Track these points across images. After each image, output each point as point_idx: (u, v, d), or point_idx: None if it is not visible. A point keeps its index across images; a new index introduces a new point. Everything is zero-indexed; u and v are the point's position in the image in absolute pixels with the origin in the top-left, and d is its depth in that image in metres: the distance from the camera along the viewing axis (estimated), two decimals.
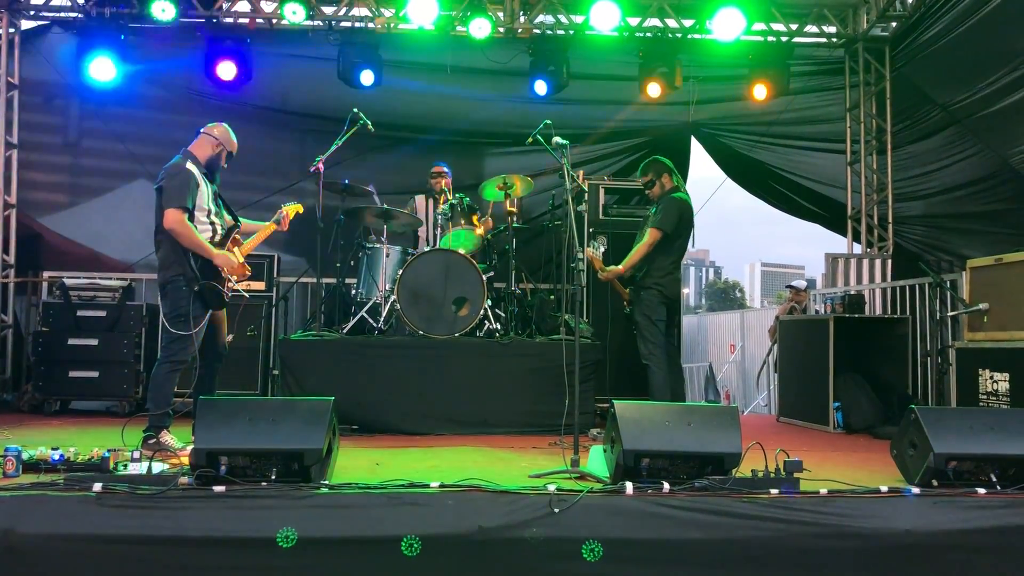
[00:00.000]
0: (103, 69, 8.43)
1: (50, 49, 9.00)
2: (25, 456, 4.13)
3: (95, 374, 7.56)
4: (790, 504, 3.86)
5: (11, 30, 8.68)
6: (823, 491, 4.01)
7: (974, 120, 8.39)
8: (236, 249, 5.48)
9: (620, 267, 6.48)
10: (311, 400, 4.28)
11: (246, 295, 5.62)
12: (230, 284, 5.41)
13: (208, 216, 5.31)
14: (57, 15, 8.91)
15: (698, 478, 4.00)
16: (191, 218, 5.16)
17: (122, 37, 8.54)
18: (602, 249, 6.38)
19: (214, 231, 5.36)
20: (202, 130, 5.49)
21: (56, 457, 4.12)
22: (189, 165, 5.24)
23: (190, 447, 4.15)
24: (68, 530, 3.51)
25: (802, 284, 11.37)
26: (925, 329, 7.61)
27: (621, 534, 3.73)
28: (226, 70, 8.56)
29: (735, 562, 3.76)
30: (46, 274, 8.40)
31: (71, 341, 7.54)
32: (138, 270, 8.65)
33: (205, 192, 5.28)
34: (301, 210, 6.02)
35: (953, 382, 6.54)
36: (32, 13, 8.88)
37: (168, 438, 5.09)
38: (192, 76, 9.06)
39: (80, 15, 8.67)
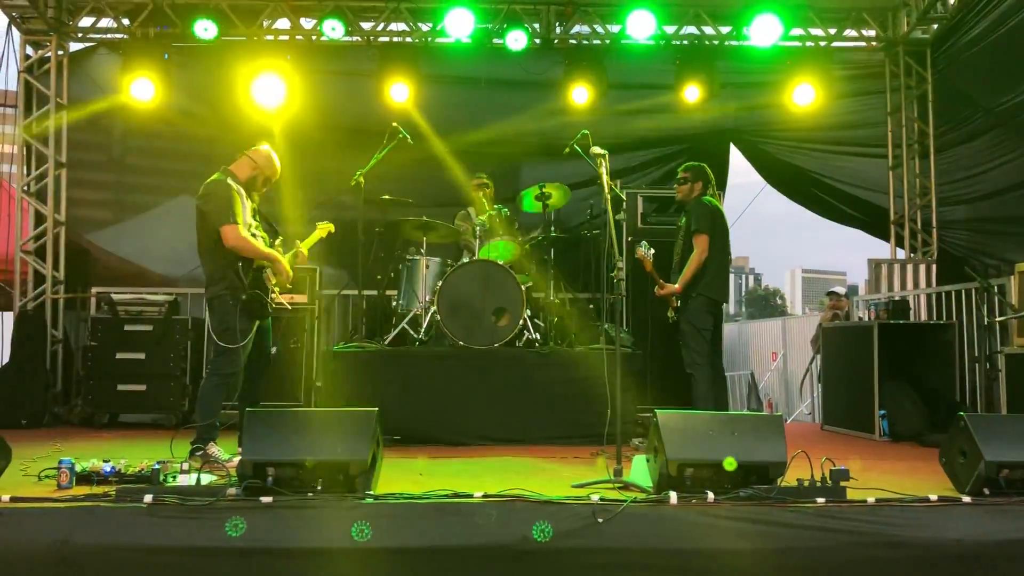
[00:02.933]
0: (147, 88, 8.59)
1: (96, 69, 9.19)
2: (78, 468, 4.23)
3: (143, 387, 7.71)
4: (837, 513, 3.82)
5: (59, 52, 8.89)
6: (871, 500, 3.96)
7: (1019, 122, 8.24)
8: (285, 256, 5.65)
9: (676, 287, 6.43)
10: (356, 411, 4.32)
11: (288, 306, 5.75)
12: (274, 295, 5.52)
13: (249, 231, 5.41)
14: (103, 36, 9.12)
15: (743, 487, 3.97)
16: None
17: (165, 56, 8.71)
18: (652, 251, 6.35)
19: None
20: (248, 152, 5.58)
21: (107, 469, 4.21)
22: (229, 181, 5.37)
23: (237, 458, 4.20)
24: (120, 541, 3.58)
25: (841, 290, 11.24)
26: (972, 335, 7.48)
27: (665, 544, 3.71)
28: (267, 87, 8.68)
29: (781, 572, 3.72)
30: (94, 289, 8.57)
31: (119, 355, 7.69)
32: (183, 284, 8.78)
33: (247, 209, 5.42)
34: (331, 229, 6.21)
35: (1003, 389, 6.43)
36: (79, 35, 9.10)
37: (215, 450, 5.18)
38: (233, 93, 9.20)
39: (125, 36, 8.86)
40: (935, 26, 9.21)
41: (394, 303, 7.38)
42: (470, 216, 7.98)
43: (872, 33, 9.39)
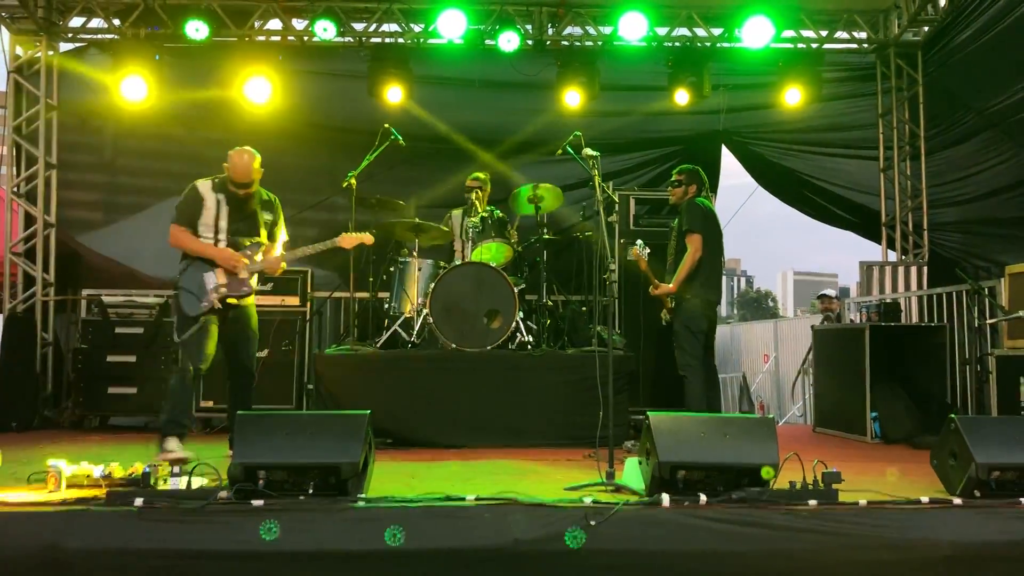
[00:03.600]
0: (138, 88, 8.55)
1: (86, 70, 9.12)
2: (68, 472, 4.20)
3: (133, 390, 7.68)
4: (829, 516, 3.82)
5: (50, 52, 8.85)
6: (863, 502, 3.97)
7: (1010, 124, 8.27)
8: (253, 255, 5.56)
9: (671, 286, 6.45)
10: (347, 414, 4.30)
11: (240, 303, 5.55)
12: (214, 296, 5.42)
13: (214, 234, 5.49)
14: (94, 37, 9.07)
15: (735, 490, 3.97)
16: (196, 233, 5.49)
17: (156, 57, 8.68)
18: (647, 251, 6.35)
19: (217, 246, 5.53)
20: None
21: (98, 472, 4.19)
22: (200, 182, 5.54)
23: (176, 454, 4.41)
24: (111, 544, 3.57)
25: (832, 292, 11.26)
26: (963, 337, 7.50)
27: (658, 547, 3.71)
28: (258, 88, 8.66)
29: (773, 574, 3.72)
30: (85, 292, 8.53)
31: (110, 358, 7.66)
32: (173, 287, 8.74)
33: (214, 211, 5.50)
34: (369, 241, 5.95)
35: (993, 391, 6.44)
36: (70, 36, 9.05)
37: (172, 444, 5.20)
38: (225, 94, 9.18)
39: (116, 36, 8.82)
40: (926, 28, 9.25)
41: (386, 305, 7.37)
42: (451, 219, 7.97)
43: (863, 35, 9.42)
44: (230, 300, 5.48)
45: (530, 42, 9.00)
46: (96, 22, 8.93)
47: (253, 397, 5.76)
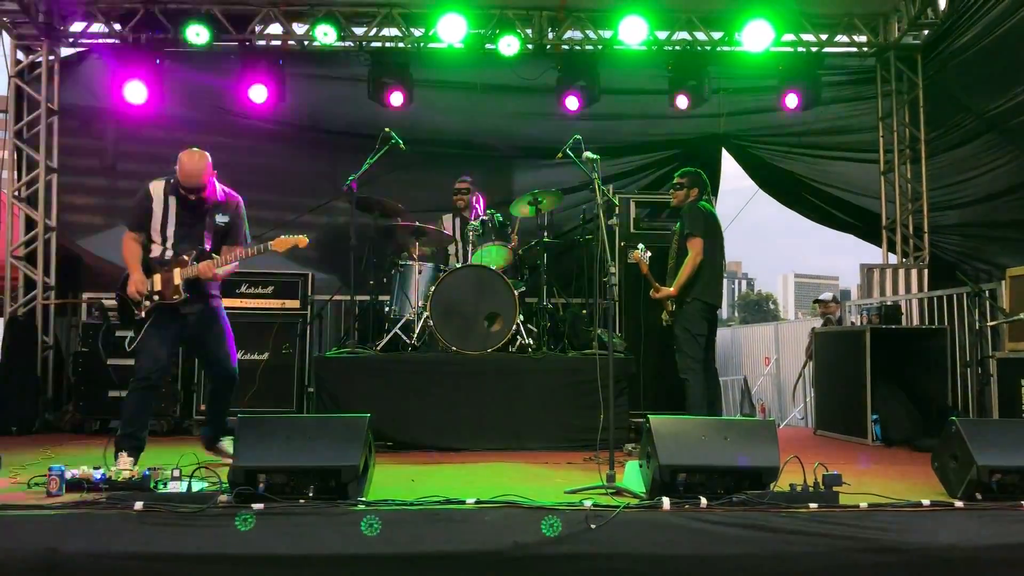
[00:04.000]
0: (139, 93, 8.57)
1: (88, 75, 9.18)
2: (68, 475, 4.19)
3: None
4: (830, 518, 3.82)
5: (51, 57, 8.86)
6: (863, 505, 3.96)
7: (1010, 126, 8.27)
8: (177, 271, 5.24)
9: (672, 290, 6.47)
10: (347, 417, 4.31)
11: (140, 315, 5.25)
12: (147, 303, 5.21)
13: (162, 240, 5.30)
14: (95, 41, 9.09)
15: (736, 493, 3.97)
16: (149, 238, 5.31)
17: (157, 61, 8.69)
18: (648, 254, 6.36)
19: (163, 254, 5.30)
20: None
21: (98, 476, 4.17)
22: (152, 183, 5.35)
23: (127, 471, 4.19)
24: (111, 548, 3.56)
25: (828, 296, 11.24)
26: (964, 339, 7.50)
27: (659, 550, 3.71)
28: (259, 92, 8.67)
29: None
30: (85, 295, 8.55)
31: (110, 362, 7.65)
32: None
33: (161, 215, 5.28)
34: (303, 244, 5.55)
35: (994, 393, 6.44)
36: (71, 40, 9.06)
37: (123, 461, 4.74)
38: (225, 98, 9.20)
39: (117, 41, 8.84)
40: (926, 32, 9.25)
41: (387, 308, 7.37)
42: (441, 223, 7.98)
43: (863, 39, 9.43)
44: (176, 306, 5.23)
45: (530, 46, 9.02)
46: (97, 27, 8.94)
47: (232, 400, 5.65)
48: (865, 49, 9.51)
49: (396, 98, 8.78)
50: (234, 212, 5.47)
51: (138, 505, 3.71)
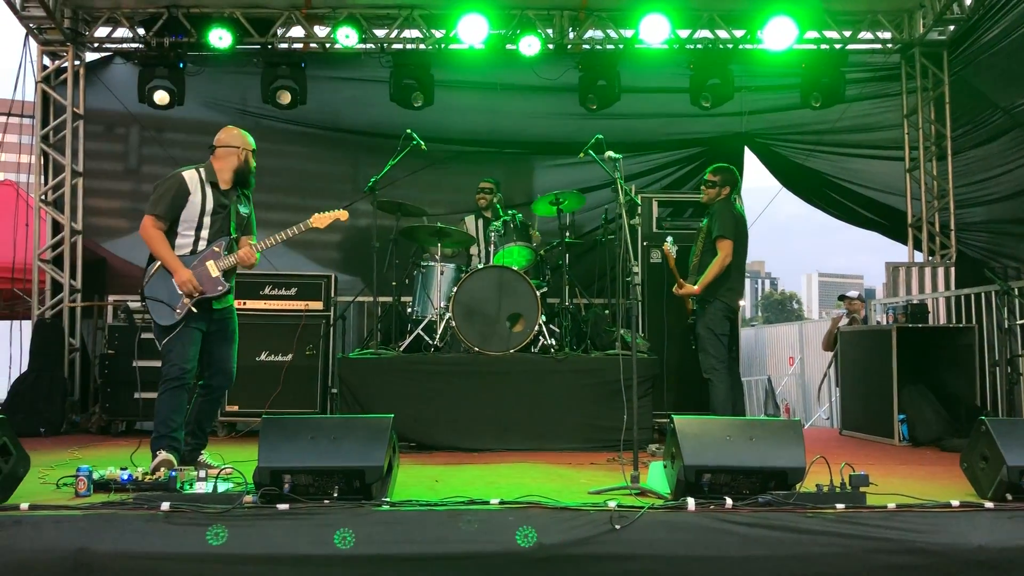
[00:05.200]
0: (162, 96, 8.65)
1: (112, 79, 9.27)
2: (95, 476, 4.23)
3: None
4: (857, 519, 3.78)
5: (76, 63, 8.95)
6: (891, 505, 3.92)
7: None
8: (212, 263, 5.10)
9: (696, 288, 6.43)
10: (371, 418, 4.31)
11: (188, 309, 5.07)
12: (187, 300, 5.02)
13: (195, 233, 5.09)
14: (119, 46, 9.17)
15: (761, 493, 3.94)
16: (172, 230, 5.07)
17: (180, 65, 8.78)
18: (676, 248, 6.32)
19: (195, 246, 5.11)
20: (215, 143, 5.27)
21: (125, 477, 4.21)
22: (186, 172, 5.09)
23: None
24: (138, 548, 3.59)
25: (854, 293, 11.14)
26: (992, 338, 7.41)
27: (684, 551, 3.68)
28: (282, 95, 8.72)
29: None
30: (111, 298, 8.63)
31: (135, 363, 7.70)
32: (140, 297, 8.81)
33: (199, 207, 5.07)
34: (344, 217, 5.63)
35: None
36: (95, 46, 9.15)
37: (162, 455, 4.89)
38: (248, 100, 9.29)
39: (141, 46, 8.91)
40: (952, 27, 9.14)
41: (409, 309, 7.39)
42: (464, 225, 7.99)
43: (888, 35, 9.32)
44: (211, 301, 5.08)
45: (551, 46, 8.99)
46: (121, 32, 9.02)
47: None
48: (889, 45, 9.40)
49: (417, 99, 8.79)
50: (250, 204, 5.39)
51: (165, 505, 3.74)
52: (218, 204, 5.15)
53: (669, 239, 6.37)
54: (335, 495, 3.88)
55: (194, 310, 5.04)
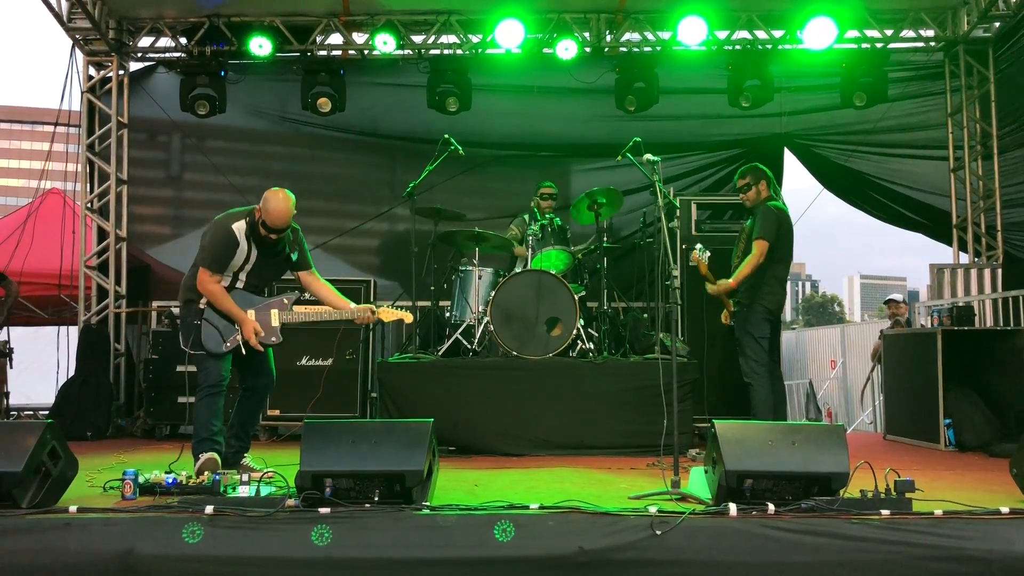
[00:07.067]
0: (204, 105, 8.80)
1: (155, 88, 9.44)
2: (141, 480, 4.30)
3: None
4: (904, 526, 3.71)
5: (120, 72, 9.12)
6: (938, 512, 3.85)
7: None
8: (275, 312, 5.25)
9: (731, 281, 6.29)
10: (411, 422, 4.33)
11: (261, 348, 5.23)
12: (239, 340, 5.17)
13: (232, 277, 5.19)
14: (162, 56, 9.34)
15: (804, 499, 3.89)
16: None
17: (222, 73, 8.91)
18: (707, 254, 6.25)
19: (232, 283, 5.22)
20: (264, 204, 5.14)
21: (169, 480, 4.28)
22: (236, 225, 5.11)
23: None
24: (183, 551, 3.64)
25: (899, 297, 10.98)
26: None
27: (725, 557, 3.65)
28: (321, 103, 8.81)
29: None
30: (155, 304, 8.79)
31: (179, 368, 7.81)
32: (186, 299, 8.92)
33: (244, 256, 5.16)
34: (408, 319, 5.60)
35: None
36: (139, 55, 9.33)
37: (204, 457, 5.00)
38: (288, 108, 9.42)
39: (183, 55, 9.06)
40: (996, 24, 8.98)
41: (447, 314, 7.41)
42: (525, 222, 7.92)
43: (931, 33, 9.17)
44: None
45: (588, 49, 8.98)
46: (164, 41, 9.19)
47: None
48: (932, 44, 9.25)
49: (455, 104, 8.83)
50: (300, 243, 5.41)
51: (209, 509, 3.78)
52: (261, 254, 5.23)
53: (698, 246, 6.25)
54: (376, 499, 3.91)
55: (243, 350, 5.17)
